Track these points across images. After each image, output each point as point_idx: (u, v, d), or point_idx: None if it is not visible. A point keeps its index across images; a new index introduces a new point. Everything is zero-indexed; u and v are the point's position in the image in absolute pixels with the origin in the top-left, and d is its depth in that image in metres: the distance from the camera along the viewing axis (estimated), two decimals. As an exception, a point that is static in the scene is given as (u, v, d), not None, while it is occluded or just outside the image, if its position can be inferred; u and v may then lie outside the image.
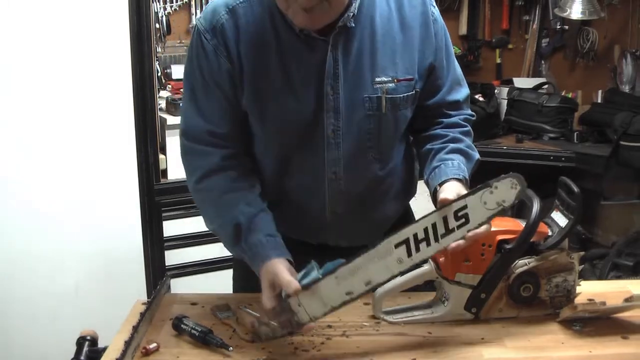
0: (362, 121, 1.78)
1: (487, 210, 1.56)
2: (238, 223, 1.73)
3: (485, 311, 1.70)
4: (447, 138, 1.87)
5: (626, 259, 3.73)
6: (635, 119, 3.72)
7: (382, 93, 1.76)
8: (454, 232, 1.56)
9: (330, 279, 1.53)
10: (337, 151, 1.79)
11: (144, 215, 3.32)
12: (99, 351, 1.61)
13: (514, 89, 4.52)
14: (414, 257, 1.55)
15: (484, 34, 4.89)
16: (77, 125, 3.06)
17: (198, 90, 1.78)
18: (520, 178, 1.57)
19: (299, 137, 1.78)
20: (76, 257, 3.15)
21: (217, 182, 1.78)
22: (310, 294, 1.53)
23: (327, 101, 1.74)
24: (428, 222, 1.56)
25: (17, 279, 3.05)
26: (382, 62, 1.76)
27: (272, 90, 1.73)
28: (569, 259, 1.71)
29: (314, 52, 1.71)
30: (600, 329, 1.66)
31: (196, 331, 1.61)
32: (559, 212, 1.76)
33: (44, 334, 3.08)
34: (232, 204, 1.75)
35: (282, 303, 1.54)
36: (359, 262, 1.53)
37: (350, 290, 1.54)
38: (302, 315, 1.54)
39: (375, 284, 1.56)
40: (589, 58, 4.74)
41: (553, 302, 1.72)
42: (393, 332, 1.67)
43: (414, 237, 1.55)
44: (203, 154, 1.79)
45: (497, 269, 1.67)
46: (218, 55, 1.72)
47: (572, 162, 3.90)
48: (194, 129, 1.79)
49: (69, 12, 2.99)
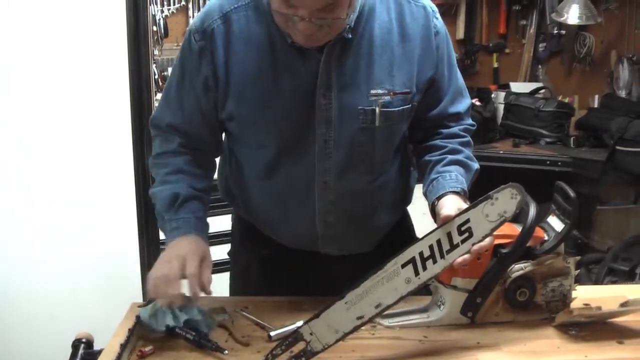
0: (355, 133, 1.76)
1: (490, 223, 1.56)
2: (177, 193, 1.76)
3: (481, 315, 1.70)
4: (445, 149, 1.86)
5: (622, 263, 3.73)
6: (632, 124, 3.72)
7: (377, 106, 1.73)
8: (458, 247, 1.56)
9: (340, 305, 1.52)
10: (329, 161, 1.77)
11: (140, 217, 3.31)
12: (95, 354, 1.61)
13: (510, 94, 4.52)
14: (422, 275, 1.55)
15: (481, 39, 4.89)
16: (74, 127, 3.06)
17: (174, 85, 1.81)
18: (519, 188, 1.57)
19: (290, 144, 1.77)
20: (72, 259, 3.15)
21: (172, 161, 1.82)
22: (321, 322, 1.52)
23: (319, 111, 1.72)
24: (432, 239, 1.56)
25: (14, 280, 3.05)
26: (378, 74, 1.73)
27: (262, 98, 1.72)
28: (565, 264, 1.71)
29: (308, 62, 1.69)
30: (596, 333, 1.66)
31: (191, 335, 1.61)
32: (555, 216, 1.76)
33: (40, 336, 3.07)
34: (178, 180, 1.79)
35: (295, 334, 1.53)
36: (368, 286, 1.53)
37: (361, 315, 1.53)
38: (314, 343, 1.52)
39: (385, 306, 1.55)
40: (586, 63, 4.75)
41: (549, 307, 1.72)
42: (389, 336, 1.67)
43: (419, 256, 1.55)
44: (164, 140, 1.85)
45: (494, 273, 1.67)
46: (201, 57, 1.72)
47: (569, 166, 3.90)
48: (159, 119, 1.86)
49: (66, 14, 2.99)
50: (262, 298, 1.90)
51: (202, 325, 1.66)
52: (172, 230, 1.73)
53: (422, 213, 1.94)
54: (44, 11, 2.96)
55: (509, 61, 4.95)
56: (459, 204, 1.67)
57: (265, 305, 1.84)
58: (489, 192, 1.57)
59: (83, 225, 3.15)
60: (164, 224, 1.78)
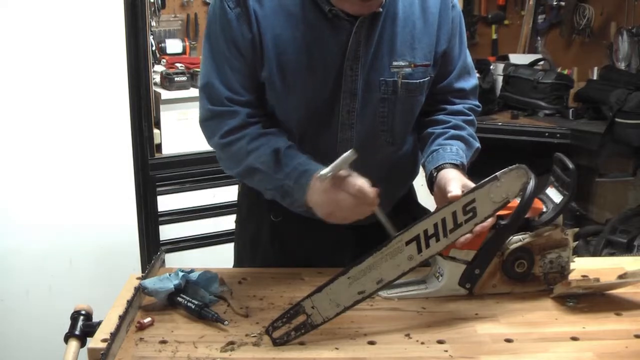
0: (376, 104, 1.80)
1: (494, 204, 1.57)
2: (277, 148, 1.72)
3: (479, 287, 1.71)
4: (448, 124, 1.88)
5: (620, 235, 3.74)
6: (631, 96, 3.71)
7: (398, 77, 1.78)
8: (462, 226, 1.57)
9: (343, 280, 1.53)
10: (350, 132, 1.81)
11: (138, 190, 3.31)
12: (94, 325, 1.61)
13: (509, 65, 4.51)
14: (424, 253, 1.56)
15: (480, 10, 4.87)
16: (71, 100, 3.04)
17: (220, 58, 1.77)
18: (525, 170, 1.58)
19: (315, 115, 1.79)
20: (71, 232, 3.14)
21: (247, 132, 1.76)
22: (324, 296, 1.53)
23: (345, 82, 1.76)
24: (438, 217, 1.56)
25: (11, 254, 3.05)
26: (400, 47, 1.78)
27: (293, 65, 1.74)
28: (563, 235, 1.71)
29: (338, 33, 1.73)
30: (594, 305, 1.67)
31: (192, 304, 1.61)
32: (553, 188, 1.76)
33: (39, 308, 3.08)
34: (265, 143, 1.74)
35: (297, 307, 1.54)
36: (371, 262, 1.54)
37: (362, 290, 1.54)
38: (315, 317, 1.53)
39: (386, 282, 1.56)
40: (585, 35, 4.72)
41: (547, 278, 1.72)
42: (387, 308, 1.68)
43: (424, 234, 1.55)
44: (227, 114, 1.77)
45: (492, 244, 1.67)
46: (241, 23, 1.72)
47: (567, 138, 3.91)
48: (216, 94, 1.78)
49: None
50: (260, 269, 1.90)
51: (204, 296, 1.66)
52: (297, 180, 1.69)
53: (421, 184, 1.95)
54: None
55: (508, 33, 4.93)
56: (463, 180, 1.68)
57: (263, 277, 1.84)
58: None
59: (81, 197, 3.14)
60: (282, 185, 1.73)
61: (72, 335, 1.61)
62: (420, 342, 1.51)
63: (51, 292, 3.12)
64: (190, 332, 1.55)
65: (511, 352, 1.48)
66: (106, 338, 1.48)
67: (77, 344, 1.59)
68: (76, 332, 1.61)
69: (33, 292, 3.12)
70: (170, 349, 1.47)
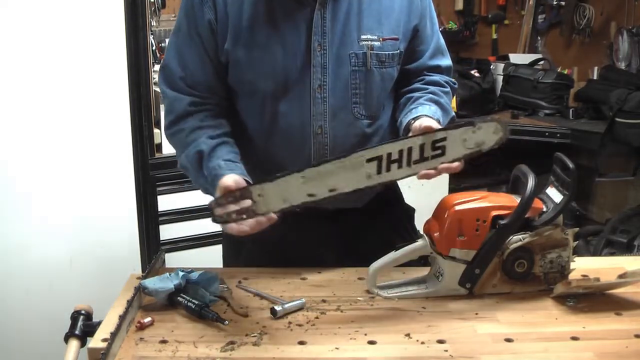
0: (348, 77, 1.83)
1: (465, 149, 1.58)
2: (200, 150, 1.78)
3: (479, 287, 1.71)
4: (426, 91, 1.92)
5: (620, 235, 3.74)
6: (631, 96, 3.71)
7: (367, 49, 1.82)
8: (427, 160, 1.58)
9: (296, 176, 1.54)
10: (324, 105, 1.83)
11: (138, 189, 3.31)
12: (94, 325, 1.61)
13: (509, 65, 4.52)
14: (383, 175, 1.56)
15: (480, 10, 4.88)
16: (71, 99, 3.04)
17: (181, 36, 1.86)
18: (504, 125, 1.60)
19: (286, 90, 1.82)
20: (70, 232, 3.14)
21: (186, 124, 1.84)
22: (274, 187, 1.53)
23: (314, 56, 1.80)
24: (404, 144, 1.57)
25: (11, 253, 3.04)
26: (368, 22, 1.83)
27: (260, 41, 1.78)
28: (564, 235, 1.71)
29: (303, 8, 1.78)
30: (594, 305, 1.67)
31: (192, 304, 1.61)
32: (553, 188, 1.76)
33: (39, 308, 3.08)
34: (197, 138, 1.80)
35: (244, 190, 1.54)
36: (328, 168, 1.54)
37: (313, 193, 1.55)
38: (260, 205, 1.54)
39: (338, 192, 1.56)
40: (585, 34, 4.73)
41: (547, 278, 1.72)
42: (387, 307, 1.68)
43: (387, 156, 1.56)
44: (173, 99, 1.85)
45: (492, 244, 1.67)
46: (203, 4, 1.79)
47: (567, 138, 3.91)
48: (170, 72, 1.86)
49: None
50: (259, 269, 1.90)
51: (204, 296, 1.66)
52: (208, 185, 1.75)
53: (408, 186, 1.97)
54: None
55: (508, 32, 4.94)
56: (438, 126, 1.71)
57: (263, 276, 1.84)
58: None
59: (81, 197, 3.14)
60: (204, 184, 1.79)
61: (72, 335, 1.61)
62: (420, 342, 1.51)
63: (51, 292, 3.12)
64: (190, 332, 1.55)
65: (511, 352, 1.47)
66: (106, 338, 1.47)
67: (77, 343, 1.59)
68: (76, 332, 1.61)
69: (33, 292, 3.11)
70: (170, 349, 1.47)
